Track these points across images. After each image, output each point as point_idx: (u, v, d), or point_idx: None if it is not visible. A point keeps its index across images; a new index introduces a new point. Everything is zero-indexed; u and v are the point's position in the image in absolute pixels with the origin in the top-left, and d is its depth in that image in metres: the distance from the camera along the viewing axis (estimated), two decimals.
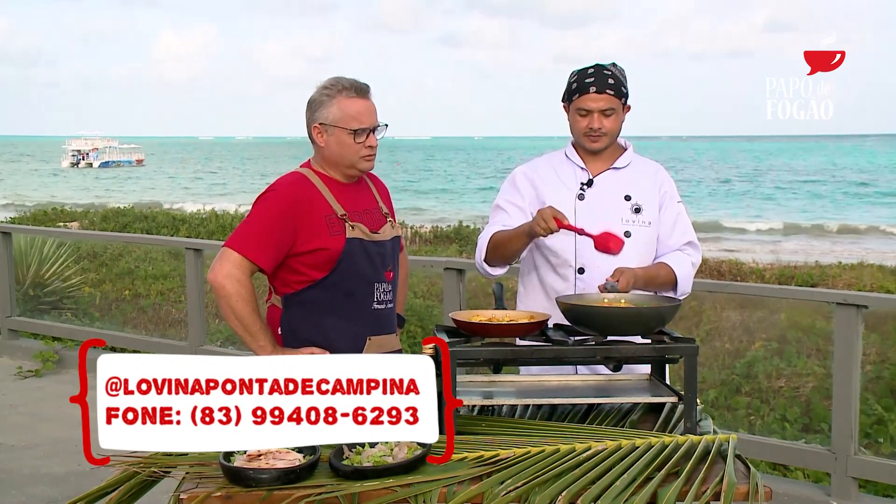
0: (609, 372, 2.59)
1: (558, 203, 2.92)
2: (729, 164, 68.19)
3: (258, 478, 1.95)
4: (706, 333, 6.40)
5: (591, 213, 2.96)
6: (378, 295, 2.82)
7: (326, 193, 2.76)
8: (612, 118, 2.92)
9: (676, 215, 3.01)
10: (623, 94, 2.92)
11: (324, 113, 2.72)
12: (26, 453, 5.02)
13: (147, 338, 7.05)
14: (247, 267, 2.67)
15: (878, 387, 5.37)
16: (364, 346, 2.79)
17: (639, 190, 2.99)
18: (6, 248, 7.24)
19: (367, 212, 2.84)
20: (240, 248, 2.66)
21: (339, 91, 2.71)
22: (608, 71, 2.92)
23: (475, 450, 2.14)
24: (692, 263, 3.01)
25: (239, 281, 2.65)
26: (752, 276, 9.13)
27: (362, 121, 2.72)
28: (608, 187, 2.99)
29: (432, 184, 53.40)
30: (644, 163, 3.08)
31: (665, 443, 2.18)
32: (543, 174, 3.06)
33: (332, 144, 2.74)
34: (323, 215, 2.72)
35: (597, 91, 2.89)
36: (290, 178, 2.80)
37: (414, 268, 7.63)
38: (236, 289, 2.64)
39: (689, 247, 3.03)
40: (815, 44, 5.00)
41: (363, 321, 2.80)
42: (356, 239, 2.74)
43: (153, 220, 14.11)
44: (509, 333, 2.43)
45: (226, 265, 2.65)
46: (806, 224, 31.19)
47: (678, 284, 2.94)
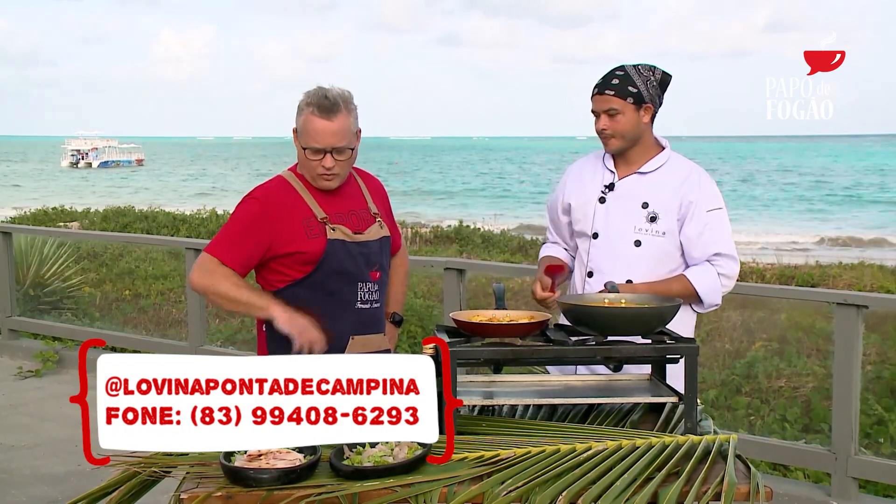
0: (609, 372, 2.59)
1: (580, 204, 2.99)
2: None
3: (258, 478, 1.95)
4: (706, 333, 6.40)
5: (609, 217, 2.95)
6: (362, 294, 2.82)
7: (307, 197, 2.78)
8: (617, 118, 2.89)
9: (704, 226, 2.89)
10: (631, 93, 2.87)
11: (297, 120, 2.76)
12: (26, 453, 5.02)
13: (147, 338, 7.06)
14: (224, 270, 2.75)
15: (878, 387, 5.37)
16: (347, 345, 2.79)
17: (658, 198, 2.91)
18: (6, 248, 7.24)
19: (353, 213, 2.84)
20: (214, 252, 2.75)
21: (308, 105, 2.70)
22: (620, 72, 2.90)
23: (475, 450, 2.14)
24: (720, 274, 2.90)
25: (224, 278, 2.73)
26: (752, 276, 9.12)
27: (318, 140, 2.69)
28: (628, 192, 2.95)
29: (432, 184, 53.40)
30: (678, 167, 2.97)
31: (665, 443, 2.17)
32: (581, 172, 3.08)
33: (298, 153, 2.79)
34: (301, 219, 2.75)
35: (598, 92, 2.91)
36: (271, 183, 2.84)
37: (414, 268, 7.62)
38: (207, 287, 2.75)
39: (719, 258, 2.91)
40: (815, 44, 4.99)
41: (347, 320, 2.80)
42: (338, 240, 2.75)
43: (153, 220, 14.09)
44: (509, 333, 2.43)
45: (198, 269, 2.76)
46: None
47: (702, 298, 2.88)
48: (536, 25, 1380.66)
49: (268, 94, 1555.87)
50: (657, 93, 2.93)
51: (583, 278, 3.00)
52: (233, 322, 7.53)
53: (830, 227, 30.90)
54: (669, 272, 2.92)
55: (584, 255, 3.00)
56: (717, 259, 2.91)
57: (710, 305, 2.92)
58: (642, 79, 2.89)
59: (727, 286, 2.93)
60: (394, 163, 75.32)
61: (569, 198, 3.05)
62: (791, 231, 29.42)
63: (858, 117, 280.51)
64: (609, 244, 2.94)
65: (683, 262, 2.95)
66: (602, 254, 2.94)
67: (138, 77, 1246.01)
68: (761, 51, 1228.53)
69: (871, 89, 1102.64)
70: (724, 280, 2.91)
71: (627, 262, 2.90)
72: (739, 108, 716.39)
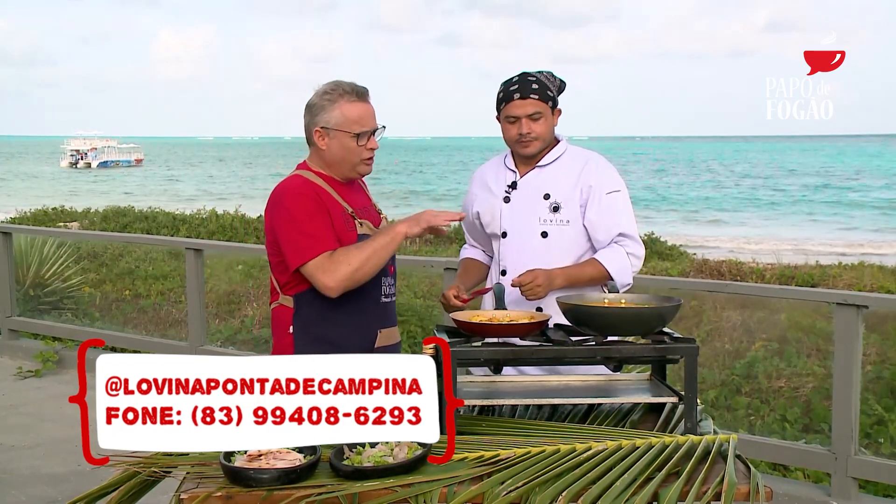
0: (609, 372, 2.60)
1: (487, 209, 3.08)
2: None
3: (258, 478, 1.95)
4: (706, 334, 6.40)
5: (514, 214, 3.04)
6: (385, 289, 2.86)
7: (333, 193, 2.79)
8: (540, 122, 2.97)
9: (605, 208, 2.97)
10: (549, 97, 2.98)
11: (325, 117, 2.75)
12: (26, 453, 5.02)
13: (147, 338, 7.05)
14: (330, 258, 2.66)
15: (878, 387, 5.37)
16: (375, 339, 2.82)
17: (559, 187, 3.00)
18: (6, 248, 7.24)
19: (366, 209, 2.88)
20: (311, 253, 2.64)
21: (341, 95, 2.75)
22: (532, 77, 2.99)
23: (475, 450, 2.14)
24: (628, 254, 2.98)
25: (336, 272, 2.63)
26: (752, 276, 9.11)
27: (364, 124, 2.76)
28: (530, 187, 3.04)
29: (431, 184, 53.39)
30: (575, 157, 3.06)
31: (665, 443, 2.18)
32: (484, 178, 3.17)
33: (334, 148, 2.77)
34: (339, 212, 2.76)
35: (521, 97, 2.97)
36: (296, 182, 2.78)
37: (414, 268, 7.64)
38: (344, 273, 2.63)
39: (624, 238, 2.99)
40: (815, 44, 5.00)
41: (373, 315, 2.83)
42: (365, 235, 2.76)
43: (153, 220, 14.07)
44: (509, 333, 2.43)
45: (320, 275, 2.63)
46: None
47: (614, 278, 2.93)
48: (536, 25, 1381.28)
49: (267, 94, 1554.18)
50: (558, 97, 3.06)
51: (497, 277, 3.07)
52: (233, 322, 7.53)
53: (830, 226, 30.89)
54: (578, 259, 3.01)
55: (497, 255, 3.10)
56: (623, 240, 3.00)
57: (622, 285, 2.96)
58: (552, 84, 3.02)
59: (636, 266, 3.02)
60: (394, 162, 75.29)
61: (477, 206, 3.14)
62: (791, 231, 29.43)
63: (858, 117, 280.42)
64: (517, 240, 3.02)
65: (591, 249, 3.02)
66: (512, 250, 3.03)
67: (138, 77, 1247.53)
68: (761, 51, 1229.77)
69: (871, 89, 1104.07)
70: (633, 259, 3.00)
71: (537, 254, 2.97)
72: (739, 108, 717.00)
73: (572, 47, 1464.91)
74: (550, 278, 2.87)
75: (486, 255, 3.25)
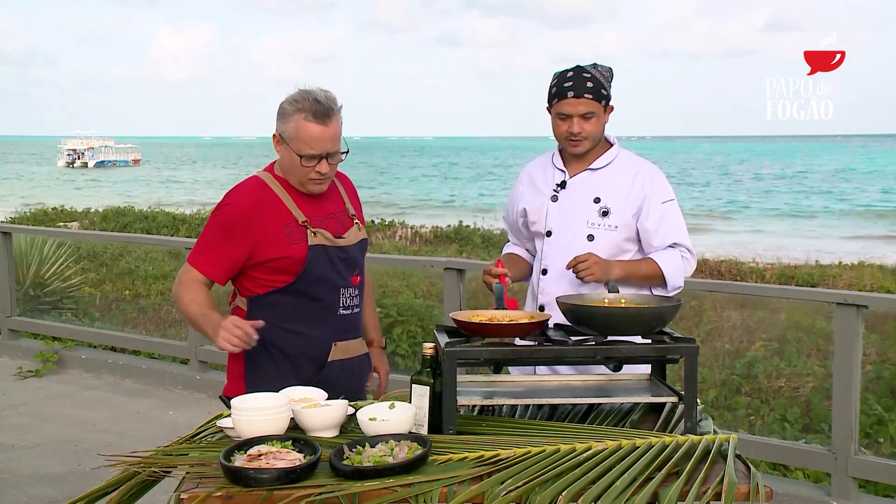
0: (608, 372, 2.59)
1: (534, 207, 3.03)
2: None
3: (258, 478, 1.95)
4: (706, 333, 6.40)
5: (562, 214, 3.01)
6: (344, 300, 2.76)
7: (287, 199, 2.69)
8: (592, 122, 2.92)
9: (660, 217, 2.96)
10: (603, 96, 2.91)
11: (282, 126, 2.65)
12: (26, 453, 5.02)
13: (147, 338, 7.05)
14: (202, 281, 2.69)
15: (878, 387, 5.37)
16: (329, 352, 2.74)
17: (611, 192, 2.97)
18: (6, 248, 7.24)
19: (332, 216, 2.77)
20: (193, 261, 2.70)
21: (300, 111, 2.61)
22: (587, 73, 2.91)
23: (475, 450, 2.14)
24: (682, 257, 2.98)
25: (189, 290, 2.69)
26: (752, 275, 9.12)
27: (314, 147, 2.61)
28: (581, 189, 3.00)
29: (432, 184, 53.36)
30: (628, 163, 3.03)
31: (665, 443, 2.17)
32: (532, 176, 3.13)
33: (284, 158, 2.69)
34: (281, 224, 2.66)
35: (575, 95, 2.89)
36: (248, 185, 2.74)
37: (414, 268, 7.63)
38: (177, 291, 2.71)
39: (679, 246, 2.99)
40: (815, 44, 5.01)
41: (329, 327, 2.74)
42: (319, 245, 2.67)
43: (153, 220, 14.08)
44: (509, 333, 2.43)
45: (178, 278, 2.72)
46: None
47: (667, 280, 2.93)
48: (535, 25, 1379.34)
49: (267, 94, 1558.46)
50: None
51: (538, 276, 3.05)
52: None
53: (830, 227, 30.88)
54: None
55: (539, 254, 3.07)
56: (678, 247, 2.99)
57: (673, 288, 2.96)
58: (606, 80, 2.94)
59: (688, 271, 3.01)
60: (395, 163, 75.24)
61: (524, 203, 3.10)
62: (791, 231, 29.41)
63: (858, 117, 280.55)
64: (562, 240, 2.99)
65: (638, 254, 3.01)
66: (555, 250, 3.00)
67: (137, 77, 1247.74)
68: (761, 51, 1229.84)
69: (871, 89, 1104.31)
70: (686, 265, 3.00)
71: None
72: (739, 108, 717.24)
73: (572, 47, 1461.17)
74: (609, 264, 2.86)
75: (528, 253, 3.20)
